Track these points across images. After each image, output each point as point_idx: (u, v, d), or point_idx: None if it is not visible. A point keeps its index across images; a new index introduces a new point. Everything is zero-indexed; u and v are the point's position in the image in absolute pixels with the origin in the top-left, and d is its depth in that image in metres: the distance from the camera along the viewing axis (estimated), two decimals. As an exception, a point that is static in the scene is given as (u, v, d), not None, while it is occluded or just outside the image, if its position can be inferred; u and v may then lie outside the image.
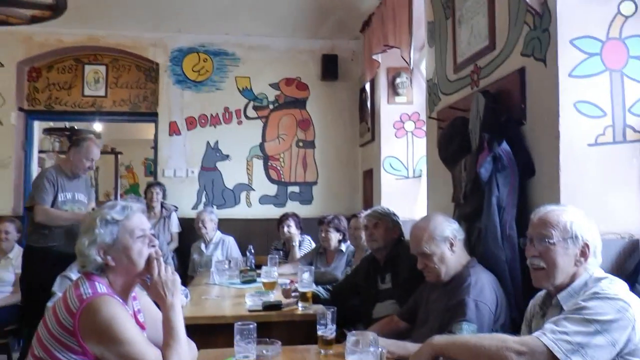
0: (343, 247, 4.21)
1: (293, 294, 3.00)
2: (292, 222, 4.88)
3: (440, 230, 2.31)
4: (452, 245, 2.31)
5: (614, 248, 2.10)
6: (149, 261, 1.78)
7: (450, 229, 2.34)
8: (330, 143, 6.11)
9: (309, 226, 5.14)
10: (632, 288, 1.88)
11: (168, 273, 1.78)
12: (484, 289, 2.16)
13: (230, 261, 4.25)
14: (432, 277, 2.33)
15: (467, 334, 2.00)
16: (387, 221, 3.08)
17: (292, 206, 5.96)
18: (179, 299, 1.79)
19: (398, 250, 3.02)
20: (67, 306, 1.66)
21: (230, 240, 5.25)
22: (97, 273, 1.76)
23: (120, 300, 1.75)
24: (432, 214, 2.49)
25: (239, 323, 1.84)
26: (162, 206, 5.50)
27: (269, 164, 6.09)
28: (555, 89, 2.19)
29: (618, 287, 1.65)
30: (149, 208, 5.36)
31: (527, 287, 2.08)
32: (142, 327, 1.87)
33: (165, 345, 1.70)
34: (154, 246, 1.81)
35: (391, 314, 2.70)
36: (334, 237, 4.16)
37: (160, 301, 1.79)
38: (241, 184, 6.02)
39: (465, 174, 2.61)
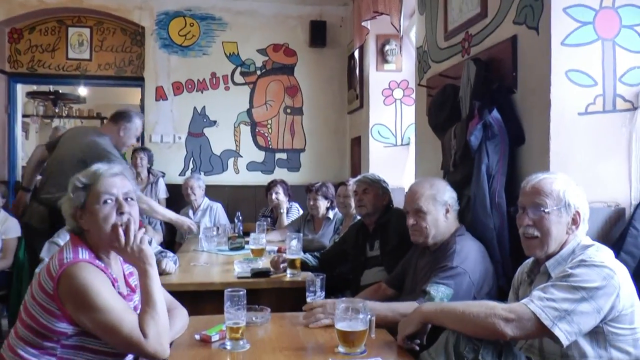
0: (331, 214, 4.13)
1: (282, 266, 2.91)
2: (280, 189, 4.77)
3: (442, 193, 2.27)
4: (447, 211, 2.26)
5: (601, 216, 2.09)
6: (113, 229, 1.73)
7: (450, 195, 2.30)
8: (318, 110, 5.94)
9: (296, 193, 5.00)
10: (618, 255, 1.90)
11: (135, 243, 1.71)
12: (468, 257, 2.13)
13: (218, 228, 4.19)
14: (419, 237, 2.28)
15: (441, 295, 2.00)
16: (377, 187, 3.01)
17: (279, 173, 5.81)
18: (154, 266, 1.74)
19: (387, 217, 2.97)
20: (49, 270, 1.66)
21: (218, 207, 5.15)
22: (81, 237, 1.75)
23: (102, 265, 1.73)
24: (434, 177, 2.46)
25: (229, 290, 1.80)
26: (149, 172, 5.33)
27: (257, 130, 5.93)
28: (547, 57, 2.16)
29: (604, 254, 1.64)
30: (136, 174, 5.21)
31: (515, 254, 2.04)
32: (132, 290, 1.86)
33: (142, 311, 1.68)
34: (122, 213, 1.74)
35: (379, 281, 2.65)
36: (322, 204, 4.08)
37: (136, 268, 1.76)
38: (229, 150, 5.87)
39: (455, 141, 2.59)
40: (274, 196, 4.74)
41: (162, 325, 1.66)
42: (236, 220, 4.20)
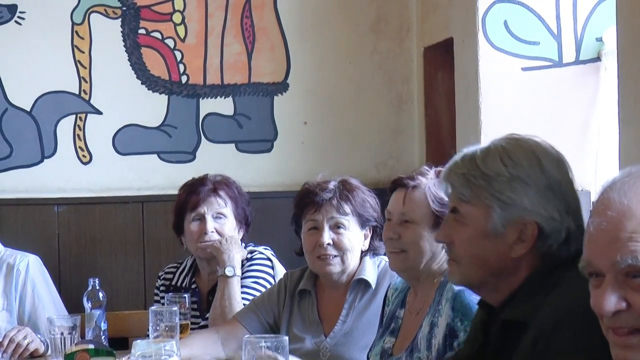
0: (370, 272, 3.75)
1: None
2: (225, 207, 4.24)
3: None
4: None
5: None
6: None
7: None
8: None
9: (265, 218, 4.70)
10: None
11: None
12: None
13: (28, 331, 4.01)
14: (638, 357, 1.93)
15: None
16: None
17: (217, 159, 5.03)
18: None
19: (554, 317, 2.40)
20: None
21: (30, 267, 4.37)
22: None
23: None
24: None
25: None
26: None
27: (141, 31, 5.00)
28: None
29: None
30: None
31: None
32: None
33: None
34: None
35: None
36: (348, 242, 3.70)
37: None
38: (60, 93, 4.94)
39: None
40: (209, 227, 4.20)
41: None
42: (86, 303, 3.87)
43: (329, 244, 3.60)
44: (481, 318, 2.59)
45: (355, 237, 3.66)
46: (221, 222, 4.13)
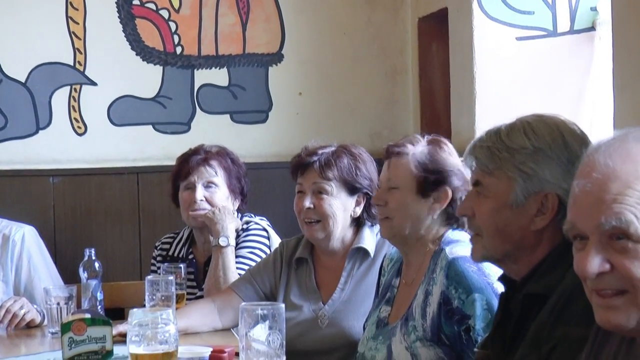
0: (369, 239, 3.75)
1: None
2: (217, 176, 4.29)
3: None
4: None
5: None
6: None
7: None
8: None
9: (261, 188, 4.77)
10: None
11: None
12: None
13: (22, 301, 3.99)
14: (619, 313, 1.98)
15: None
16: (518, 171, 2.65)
17: (210, 129, 5.08)
18: None
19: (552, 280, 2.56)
20: None
21: (26, 238, 4.41)
22: None
23: None
24: None
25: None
26: None
27: (135, 3, 5.03)
28: None
29: None
30: None
31: None
32: None
33: None
34: None
35: None
36: (328, 206, 3.72)
37: None
38: (55, 64, 4.97)
39: None
40: (198, 195, 4.24)
41: None
42: (82, 272, 3.88)
43: (309, 208, 3.68)
44: (502, 292, 2.69)
45: (339, 203, 3.71)
46: (211, 191, 4.25)
